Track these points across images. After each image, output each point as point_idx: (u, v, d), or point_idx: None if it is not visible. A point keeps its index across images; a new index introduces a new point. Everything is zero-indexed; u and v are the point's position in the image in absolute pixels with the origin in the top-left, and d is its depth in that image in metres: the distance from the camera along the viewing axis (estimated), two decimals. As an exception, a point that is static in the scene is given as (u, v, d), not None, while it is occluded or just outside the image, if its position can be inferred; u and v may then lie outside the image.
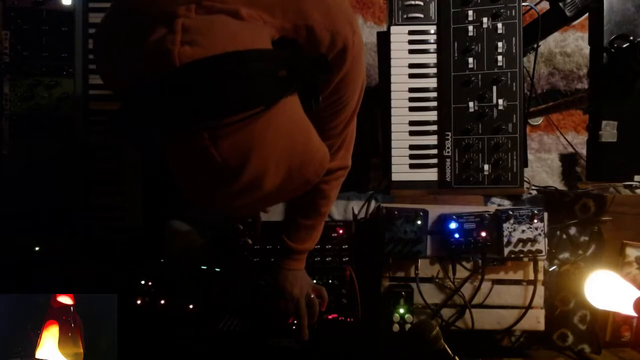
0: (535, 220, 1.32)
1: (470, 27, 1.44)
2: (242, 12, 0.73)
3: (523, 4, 1.43)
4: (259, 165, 0.62)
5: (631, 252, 1.44)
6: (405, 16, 1.46)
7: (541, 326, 1.37)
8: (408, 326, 1.30)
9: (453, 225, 1.32)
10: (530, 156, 2.06)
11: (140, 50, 0.67)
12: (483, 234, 1.32)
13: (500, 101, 1.42)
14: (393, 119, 1.46)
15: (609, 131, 1.33)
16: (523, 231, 1.32)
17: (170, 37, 0.62)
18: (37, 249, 1.39)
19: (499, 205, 1.47)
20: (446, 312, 1.37)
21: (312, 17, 0.80)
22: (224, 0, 0.74)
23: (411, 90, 1.46)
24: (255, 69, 0.62)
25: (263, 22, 0.76)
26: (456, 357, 1.15)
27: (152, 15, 0.73)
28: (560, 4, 1.45)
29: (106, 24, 0.91)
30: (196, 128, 0.59)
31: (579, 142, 2.16)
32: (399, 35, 1.46)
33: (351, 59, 0.87)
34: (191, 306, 1.33)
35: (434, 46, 1.46)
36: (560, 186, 2.15)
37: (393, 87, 1.46)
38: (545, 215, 1.34)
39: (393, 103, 1.46)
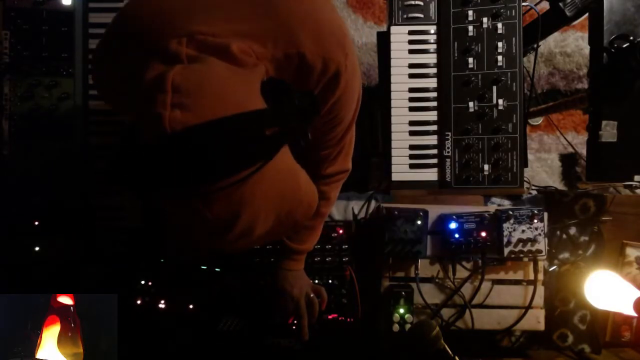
0: (535, 220, 1.32)
1: (470, 27, 1.44)
2: (233, 47, 0.73)
3: (523, 4, 1.43)
4: (249, 218, 0.64)
5: (631, 252, 1.44)
6: (405, 16, 1.46)
7: (541, 326, 1.37)
8: (408, 326, 1.30)
9: (453, 225, 1.32)
10: (530, 156, 2.06)
11: (135, 88, 0.68)
12: (483, 234, 1.32)
13: (500, 101, 1.42)
14: (393, 119, 1.46)
15: (609, 131, 1.33)
16: (523, 231, 1.32)
17: (161, 98, 0.62)
18: (37, 249, 1.39)
19: (499, 205, 1.47)
20: (446, 312, 1.37)
21: (303, 45, 0.80)
22: (216, 33, 0.74)
23: (411, 90, 1.46)
24: (246, 134, 0.62)
25: (255, 59, 0.76)
26: (456, 357, 1.15)
27: (147, 45, 0.74)
28: (560, 4, 1.45)
29: (103, 49, 0.91)
30: (188, 194, 0.61)
31: (579, 142, 2.16)
32: (399, 35, 1.46)
33: (344, 83, 0.87)
34: (191, 306, 1.33)
35: (434, 46, 1.46)
36: (560, 186, 2.15)
37: (393, 87, 1.46)
38: (545, 215, 1.34)
39: (393, 103, 1.46)
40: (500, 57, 1.42)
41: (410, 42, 1.46)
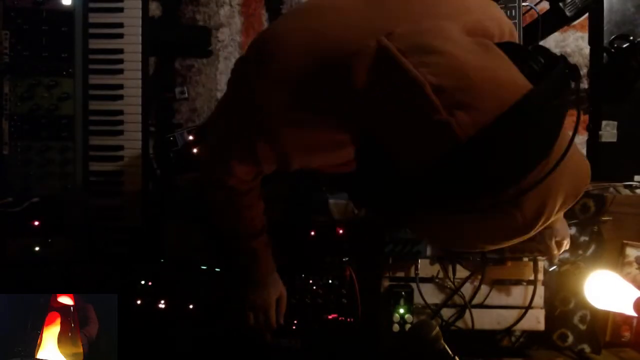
0: (535, 220, 1.32)
1: (470, 27, 1.43)
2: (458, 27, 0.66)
3: (523, 4, 1.43)
4: (551, 210, 0.59)
5: (631, 252, 1.44)
6: (405, 16, 1.46)
7: (541, 326, 1.37)
8: (408, 326, 1.30)
9: (453, 225, 1.32)
10: (530, 156, 2.06)
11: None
12: (483, 234, 1.32)
13: (500, 101, 1.42)
14: (393, 119, 1.45)
15: (609, 131, 1.33)
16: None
17: (429, 106, 0.54)
18: (37, 249, 1.39)
19: (499, 205, 1.46)
20: (446, 312, 1.37)
21: (476, 17, 0.75)
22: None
23: (411, 90, 1.46)
24: (541, 110, 0.54)
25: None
26: (456, 357, 1.14)
27: (342, 51, 0.67)
28: (560, 4, 1.45)
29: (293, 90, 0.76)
30: (499, 201, 0.56)
31: (579, 142, 2.15)
32: (399, 35, 1.46)
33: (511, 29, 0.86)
34: (191, 306, 1.33)
35: (434, 46, 1.46)
36: (560, 186, 2.15)
37: (393, 87, 1.46)
38: (545, 215, 1.34)
39: (393, 103, 1.45)
40: (500, 57, 1.42)
41: (410, 42, 1.46)
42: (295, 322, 1.32)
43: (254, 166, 0.90)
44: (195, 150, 1.55)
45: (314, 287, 1.35)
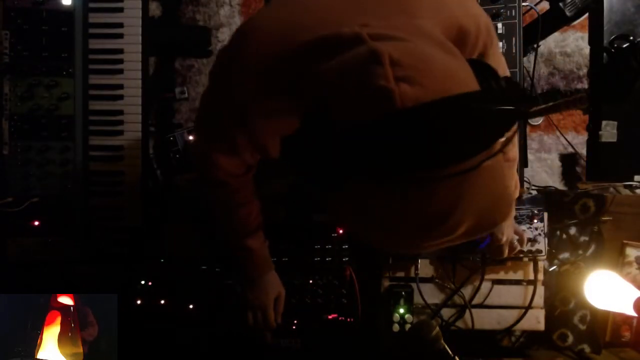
0: (535, 220, 1.32)
1: (470, 27, 1.43)
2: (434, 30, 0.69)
3: (523, 4, 1.43)
4: (460, 214, 0.59)
5: (631, 252, 1.44)
6: (405, 16, 1.46)
7: (541, 326, 1.37)
8: (408, 326, 1.30)
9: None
10: (530, 156, 2.06)
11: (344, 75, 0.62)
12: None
13: (500, 101, 1.42)
14: (393, 119, 1.45)
15: (609, 131, 1.33)
16: (523, 231, 1.32)
17: (381, 71, 0.56)
18: (37, 249, 1.39)
19: (499, 205, 1.46)
20: (446, 312, 1.37)
21: (454, 14, 0.78)
22: (397, 27, 0.67)
23: (411, 90, 1.46)
24: (479, 112, 0.56)
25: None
26: (456, 357, 1.15)
27: (318, 40, 0.69)
28: (560, 4, 1.45)
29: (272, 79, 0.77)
30: (411, 179, 0.56)
31: (579, 142, 2.16)
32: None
33: (490, 33, 0.88)
34: (191, 306, 1.33)
35: (434, 46, 1.46)
36: (560, 186, 2.15)
37: (393, 87, 1.45)
38: (545, 215, 1.34)
39: (393, 103, 1.45)
40: (500, 57, 1.42)
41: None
42: (295, 322, 1.32)
43: (238, 157, 0.91)
44: (195, 150, 1.55)
45: (314, 287, 1.35)
